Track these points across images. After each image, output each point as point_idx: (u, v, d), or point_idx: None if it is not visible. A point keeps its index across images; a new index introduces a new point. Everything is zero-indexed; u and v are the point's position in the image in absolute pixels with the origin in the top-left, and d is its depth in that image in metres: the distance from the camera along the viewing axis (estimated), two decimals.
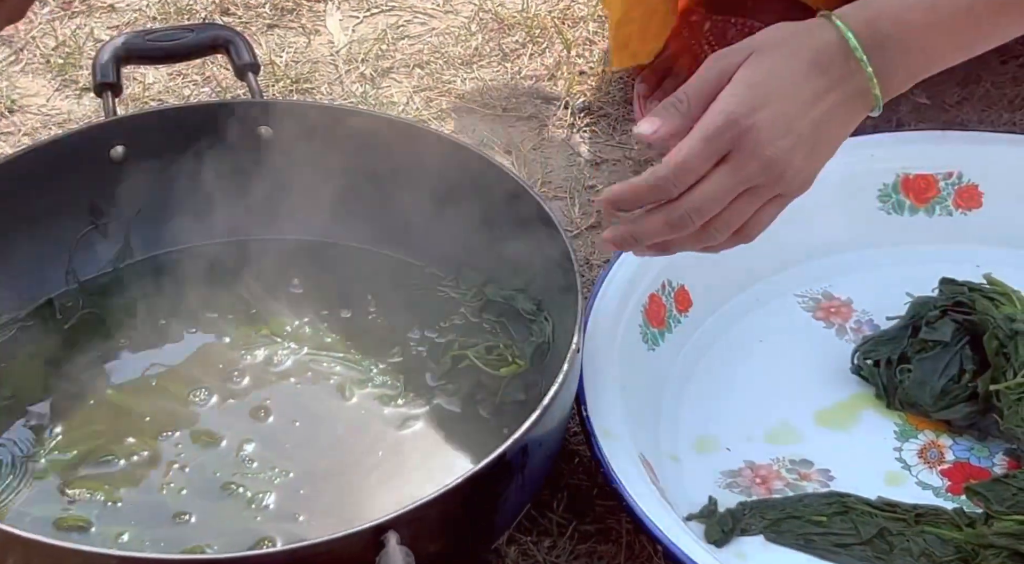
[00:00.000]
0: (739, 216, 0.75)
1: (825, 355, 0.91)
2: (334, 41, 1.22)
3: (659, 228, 0.75)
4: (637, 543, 0.82)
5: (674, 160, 0.73)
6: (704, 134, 0.73)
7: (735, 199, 0.74)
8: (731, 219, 0.75)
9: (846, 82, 0.74)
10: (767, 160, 0.73)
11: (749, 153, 0.72)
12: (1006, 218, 0.96)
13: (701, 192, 0.73)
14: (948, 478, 0.83)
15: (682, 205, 0.74)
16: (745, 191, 0.74)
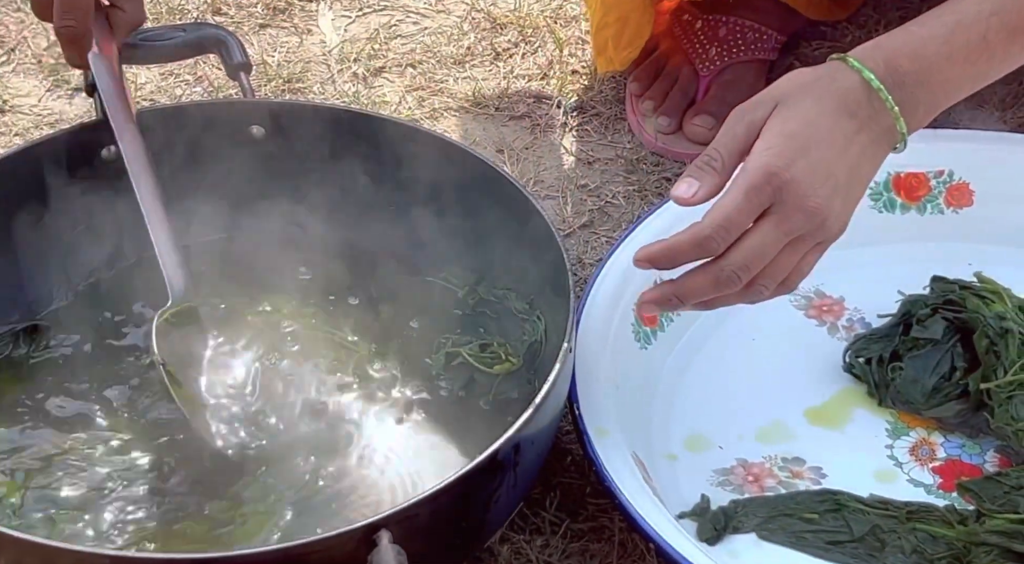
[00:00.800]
0: (784, 268, 0.75)
1: (817, 353, 0.91)
2: (326, 40, 1.22)
3: (705, 287, 0.74)
4: (630, 541, 0.82)
5: (716, 217, 0.72)
6: (745, 190, 0.72)
7: (779, 252, 0.74)
8: (776, 272, 0.74)
9: (873, 122, 0.75)
10: (810, 211, 0.73)
11: (792, 205, 0.72)
12: (997, 216, 0.97)
13: (747, 248, 0.73)
14: (940, 475, 0.83)
15: (728, 263, 0.73)
16: (793, 242, 0.74)
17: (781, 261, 0.74)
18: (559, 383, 0.77)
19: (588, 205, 1.07)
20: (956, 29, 0.75)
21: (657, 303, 0.76)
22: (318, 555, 0.66)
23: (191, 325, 0.82)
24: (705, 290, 0.74)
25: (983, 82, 0.79)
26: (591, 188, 1.09)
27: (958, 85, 0.77)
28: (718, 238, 0.73)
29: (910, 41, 0.76)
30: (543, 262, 0.85)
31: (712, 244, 0.73)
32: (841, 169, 0.74)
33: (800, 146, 0.73)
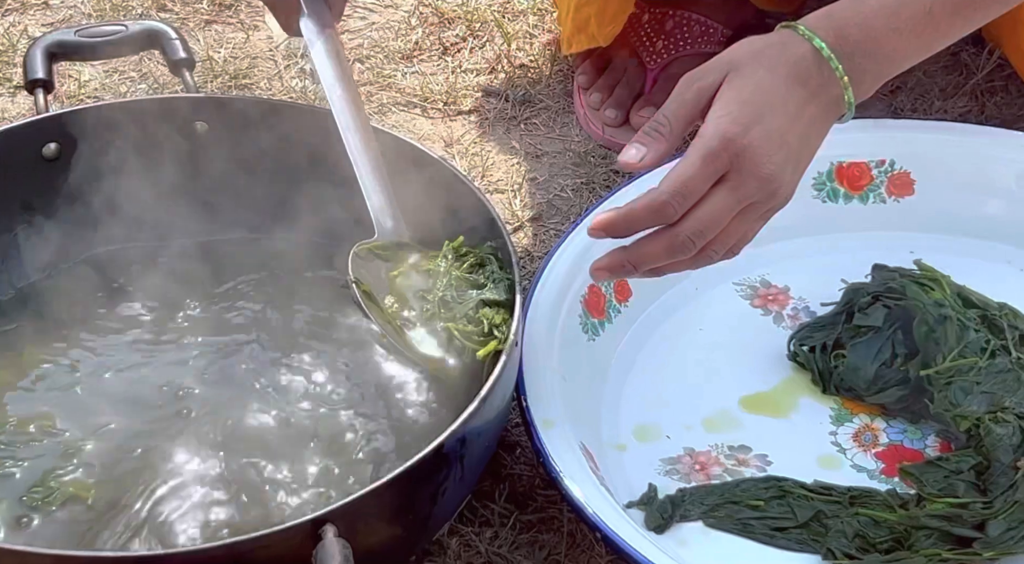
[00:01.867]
0: (734, 235, 0.75)
1: (763, 342, 0.92)
2: (273, 36, 1.22)
3: (660, 253, 0.74)
4: (579, 532, 0.83)
5: (673, 183, 0.73)
6: (702, 155, 0.73)
7: (734, 217, 0.74)
8: (728, 239, 0.75)
9: (823, 91, 0.76)
10: (765, 178, 0.73)
11: (748, 172, 0.73)
12: (937, 204, 0.98)
13: (702, 214, 0.73)
14: (882, 461, 0.85)
15: (683, 230, 0.73)
16: (744, 209, 0.74)
17: (732, 228, 0.74)
18: (505, 376, 0.77)
19: (537, 199, 1.08)
20: (904, 2, 0.77)
21: (610, 270, 0.76)
22: (263, 551, 0.66)
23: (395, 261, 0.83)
24: (659, 256, 0.74)
25: (925, 55, 0.80)
26: (540, 182, 1.09)
27: (904, 57, 0.78)
28: (675, 204, 0.73)
29: (860, 12, 0.76)
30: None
31: (669, 210, 0.73)
32: (793, 137, 0.74)
33: (755, 113, 0.73)
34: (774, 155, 0.73)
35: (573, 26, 1.10)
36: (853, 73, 0.76)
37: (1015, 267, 0.95)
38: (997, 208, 0.97)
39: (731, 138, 0.73)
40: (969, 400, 0.81)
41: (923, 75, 1.14)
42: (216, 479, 0.77)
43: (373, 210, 0.84)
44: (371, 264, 0.83)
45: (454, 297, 0.82)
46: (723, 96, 0.74)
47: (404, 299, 0.82)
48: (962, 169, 0.98)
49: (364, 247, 0.83)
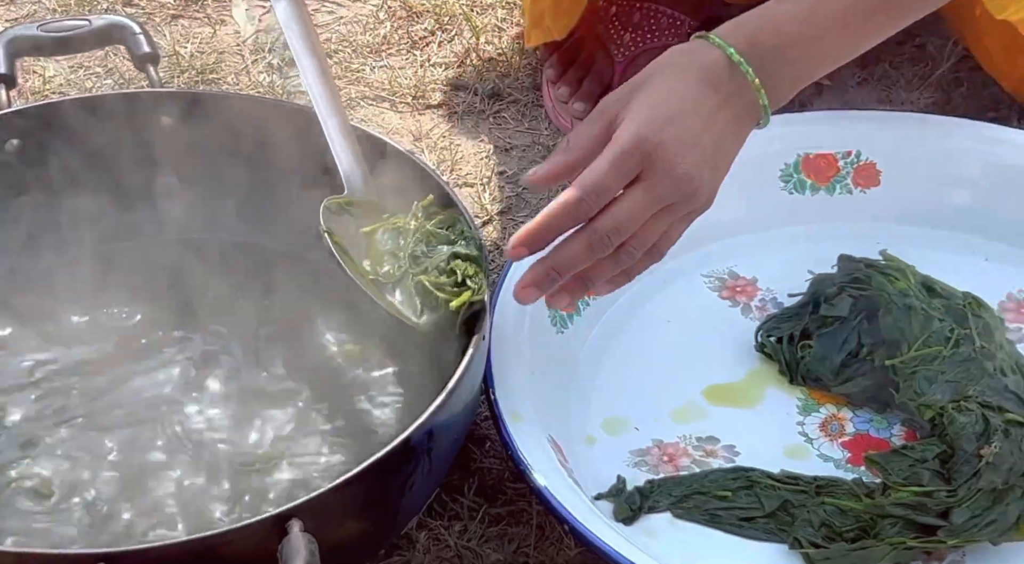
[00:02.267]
0: (653, 235, 0.76)
1: (730, 333, 0.93)
2: (240, 31, 1.21)
3: (579, 253, 0.75)
4: (548, 524, 0.83)
5: (585, 181, 0.74)
6: (614, 154, 0.74)
7: (651, 217, 0.75)
8: (646, 238, 0.76)
9: (737, 96, 0.77)
10: (679, 176, 0.74)
11: (661, 171, 0.74)
12: (903, 195, 0.99)
13: (617, 211, 0.74)
14: (848, 450, 0.85)
15: (600, 226, 0.74)
16: (660, 209, 0.75)
17: (651, 227, 0.75)
18: (472, 369, 0.77)
19: (506, 192, 1.08)
20: (816, 8, 0.78)
21: (536, 284, 0.76)
22: (228, 546, 0.66)
23: (365, 217, 0.83)
24: (579, 256, 0.75)
25: (844, 59, 0.81)
26: (509, 175, 1.09)
27: (819, 62, 0.79)
28: (588, 200, 0.73)
29: (772, 19, 0.78)
30: None
31: (583, 206, 0.74)
32: (707, 140, 0.75)
33: (667, 115, 0.74)
34: (688, 155, 0.74)
35: (530, 20, 1.10)
36: (767, 79, 0.77)
37: (979, 257, 0.96)
38: (962, 199, 0.98)
39: (644, 137, 0.74)
40: (933, 389, 0.82)
41: (889, 66, 1.15)
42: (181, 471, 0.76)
43: (342, 168, 0.84)
44: (342, 219, 0.82)
45: (424, 252, 0.81)
46: (634, 103, 0.75)
47: (377, 254, 0.82)
48: (928, 160, 0.98)
49: (335, 201, 0.83)
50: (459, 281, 0.80)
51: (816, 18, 0.77)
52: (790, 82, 0.78)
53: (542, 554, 0.82)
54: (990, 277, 0.94)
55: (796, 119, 1.01)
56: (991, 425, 0.79)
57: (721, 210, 0.97)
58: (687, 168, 0.74)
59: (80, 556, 0.66)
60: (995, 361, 0.83)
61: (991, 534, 0.76)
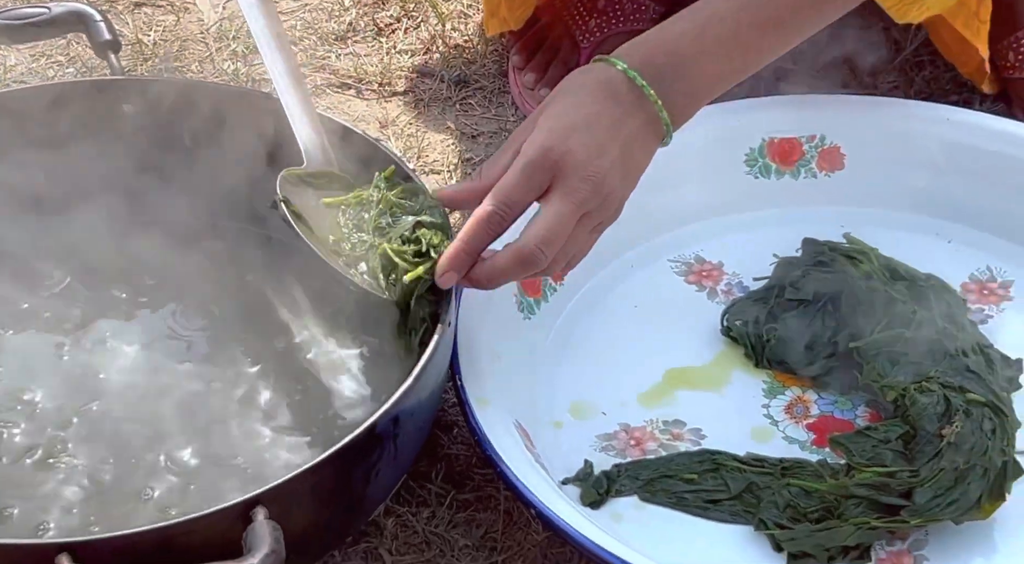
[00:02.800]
0: (578, 243, 0.77)
1: (697, 318, 0.93)
2: (204, 19, 1.20)
3: (512, 267, 0.76)
4: (515, 509, 0.83)
5: (496, 193, 0.76)
6: (523, 165, 0.76)
7: (575, 226, 0.76)
8: (568, 251, 0.77)
9: (638, 110, 0.78)
10: (593, 180, 0.75)
11: (574, 176, 0.75)
12: (867, 178, 0.99)
13: (544, 224, 0.75)
14: (813, 432, 0.86)
15: (529, 240, 0.75)
16: (582, 219, 0.76)
17: (576, 236, 0.76)
18: (438, 356, 0.77)
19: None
20: (707, 25, 0.80)
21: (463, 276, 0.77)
22: (193, 535, 0.66)
23: (326, 188, 0.82)
24: (512, 269, 0.76)
25: (746, 73, 0.83)
26: (476, 162, 1.09)
27: (717, 77, 0.81)
28: (500, 211, 0.75)
29: (664, 38, 0.80)
30: None
31: (495, 218, 0.75)
32: (614, 148, 0.77)
33: (572, 125, 0.76)
34: (595, 160, 0.76)
35: (487, 9, 1.10)
36: (665, 94, 0.79)
37: (942, 239, 0.97)
38: (924, 181, 0.98)
39: (550, 147, 0.76)
40: (896, 371, 0.83)
41: (853, 51, 1.15)
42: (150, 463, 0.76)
43: (301, 139, 0.84)
44: (300, 190, 0.82)
45: (389, 223, 0.81)
46: (539, 121, 0.77)
47: (338, 227, 0.81)
48: (891, 143, 0.99)
49: (293, 173, 0.83)
50: (423, 250, 0.79)
51: (706, 36, 0.79)
52: (689, 98, 0.80)
53: (510, 539, 0.82)
54: (953, 259, 0.95)
55: (761, 104, 1.01)
56: (952, 405, 0.79)
57: (687, 195, 0.99)
58: (599, 171, 0.76)
59: (42, 546, 0.65)
60: (957, 342, 0.83)
61: (953, 513, 0.77)
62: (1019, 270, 0.94)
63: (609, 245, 0.96)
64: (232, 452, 0.78)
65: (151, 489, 0.76)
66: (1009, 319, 0.92)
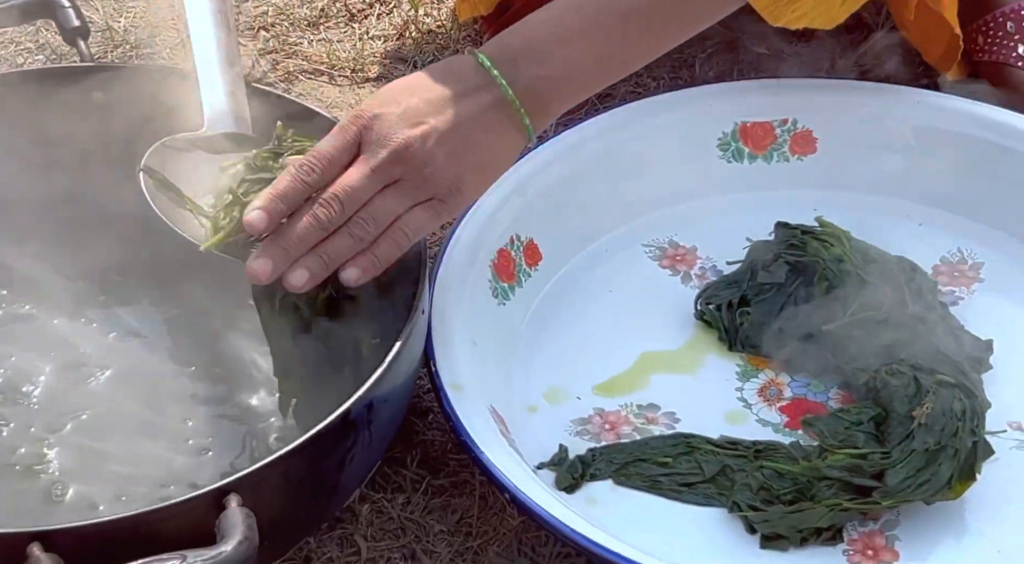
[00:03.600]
0: (385, 211, 0.76)
1: (671, 302, 0.93)
2: (174, 4, 1.19)
3: (308, 225, 0.74)
4: (490, 494, 0.83)
5: (312, 151, 0.76)
6: (336, 128, 0.76)
7: (381, 192, 0.76)
8: (376, 213, 0.76)
9: (484, 90, 0.78)
10: (394, 148, 0.75)
11: (376, 142, 0.75)
12: (839, 162, 1.00)
13: (341, 180, 0.75)
14: (786, 414, 0.86)
15: (324, 194, 0.75)
16: (392, 186, 0.76)
17: (380, 202, 0.76)
18: (412, 342, 0.77)
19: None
20: (566, 12, 0.80)
21: (272, 260, 0.75)
22: (166, 522, 0.66)
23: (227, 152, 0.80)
24: (308, 228, 0.74)
25: (621, 62, 0.82)
26: None
27: (581, 66, 0.80)
28: (310, 164, 0.75)
29: (523, 25, 0.80)
30: None
31: (305, 167, 0.75)
32: (440, 121, 0.76)
33: (391, 97, 0.77)
34: (406, 129, 0.75)
35: None
36: (516, 78, 0.78)
37: (913, 222, 0.97)
38: (896, 164, 0.99)
39: (360, 113, 0.77)
40: (867, 353, 0.83)
41: (826, 35, 1.15)
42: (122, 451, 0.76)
43: (208, 103, 0.82)
44: (190, 155, 0.79)
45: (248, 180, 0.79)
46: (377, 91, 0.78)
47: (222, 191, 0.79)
48: (862, 127, 0.99)
49: (185, 138, 0.80)
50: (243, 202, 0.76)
51: (565, 21, 0.79)
52: (545, 82, 0.78)
53: (485, 524, 0.82)
54: (924, 241, 0.95)
55: (733, 88, 1.01)
56: (923, 387, 0.80)
57: (660, 180, 0.99)
58: (403, 139, 0.75)
59: (13, 535, 0.65)
60: (927, 324, 0.84)
61: (924, 494, 0.78)
62: (989, 252, 0.95)
63: (584, 231, 0.97)
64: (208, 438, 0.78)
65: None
66: (979, 300, 0.92)
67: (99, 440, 0.79)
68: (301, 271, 0.75)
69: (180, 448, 0.79)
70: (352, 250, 0.76)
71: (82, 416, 0.81)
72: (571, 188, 0.95)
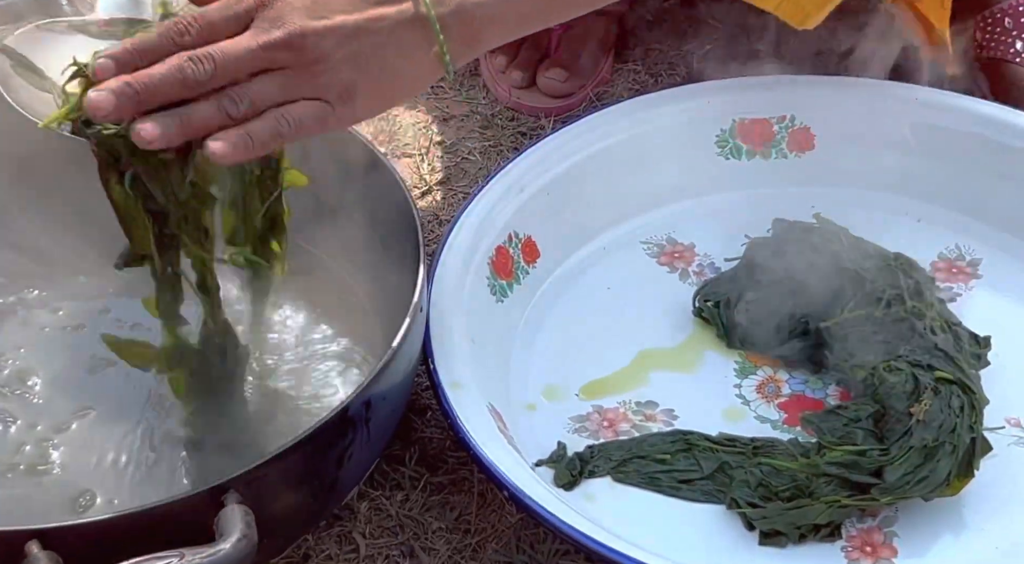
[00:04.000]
0: (262, 94, 0.68)
1: (669, 299, 0.93)
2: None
3: (165, 71, 0.66)
4: (489, 492, 0.83)
5: (195, 9, 0.69)
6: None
7: (262, 75, 0.68)
8: (252, 92, 0.68)
9: (406, 4, 0.71)
10: (290, 31, 0.68)
11: (272, 19, 0.68)
12: (837, 158, 1.00)
13: (218, 42, 0.68)
14: (785, 411, 0.86)
15: (193, 49, 0.67)
16: (277, 71, 0.69)
17: (258, 84, 0.68)
18: (410, 340, 0.77)
19: (445, 162, 1.07)
20: None
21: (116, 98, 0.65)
22: (163, 520, 0.66)
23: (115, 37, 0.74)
24: (167, 75, 0.66)
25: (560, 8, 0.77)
26: (447, 145, 1.09)
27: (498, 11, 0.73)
28: (186, 22, 0.68)
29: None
30: (395, 221, 0.85)
31: (180, 27, 0.68)
32: (348, 21, 0.69)
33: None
34: (307, 18, 0.68)
35: None
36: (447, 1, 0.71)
37: (911, 218, 0.98)
38: (893, 161, 0.99)
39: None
40: (865, 350, 0.83)
41: (824, 32, 1.15)
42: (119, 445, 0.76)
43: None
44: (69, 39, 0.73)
45: None
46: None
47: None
48: (860, 123, 0.99)
49: (68, 23, 0.74)
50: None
51: None
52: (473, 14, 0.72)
53: (483, 521, 0.82)
54: (922, 237, 0.95)
55: (731, 85, 1.01)
56: (921, 384, 0.80)
57: (658, 177, 0.99)
58: (302, 27, 0.68)
59: (10, 533, 0.65)
60: (925, 320, 0.84)
61: (922, 490, 0.78)
62: (987, 248, 0.95)
63: (582, 228, 0.97)
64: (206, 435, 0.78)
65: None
66: (977, 297, 0.92)
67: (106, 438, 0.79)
68: (152, 124, 0.66)
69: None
70: (217, 121, 0.68)
71: (89, 414, 0.81)
72: (569, 185, 0.95)
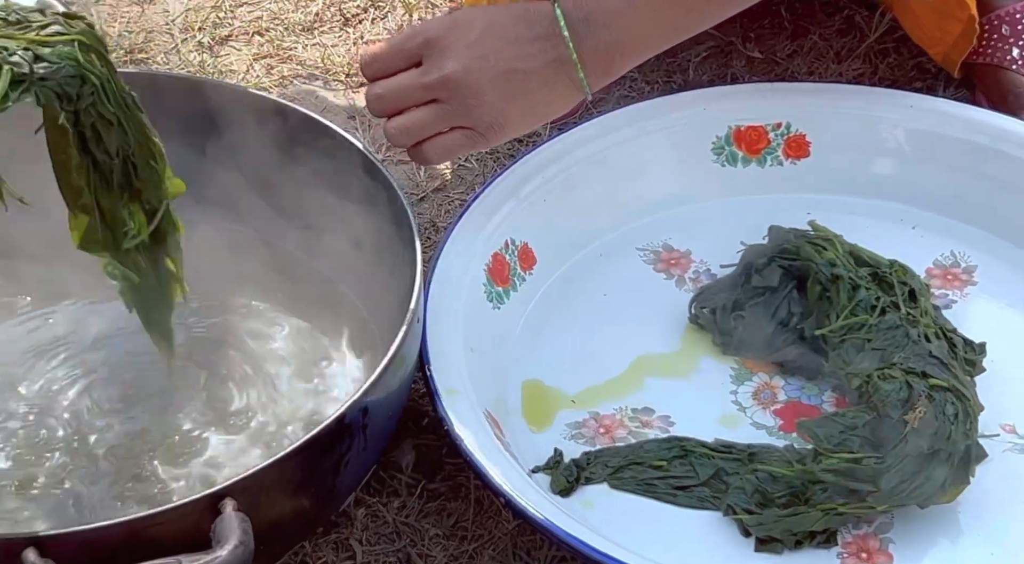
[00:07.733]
0: (419, 124, 0.82)
1: (665, 305, 0.93)
2: (169, 9, 1.20)
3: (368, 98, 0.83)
4: (485, 498, 0.83)
5: (370, 48, 0.83)
6: (400, 36, 0.83)
7: (421, 106, 0.82)
8: (412, 123, 0.82)
9: (549, 42, 0.81)
10: (450, 72, 0.80)
11: (434, 61, 0.81)
12: (832, 165, 1.00)
13: (387, 80, 0.83)
14: (780, 417, 0.86)
15: (371, 86, 0.83)
16: (432, 103, 0.81)
17: (419, 115, 0.82)
18: (406, 347, 0.77)
19: (441, 169, 1.07)
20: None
21: None
22: (161, 527, 0.66)
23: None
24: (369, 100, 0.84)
25: (681, 32, 0.85)
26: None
27: (647, 31, 0.83)
28: (365, 60, 0.84)
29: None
30: (391, 228, 0.85)
31: (360, 63, 0.84)
32: (501, 59, 0.80)
33: (463, 24, 0.81)
34: (465, 59, 0.80)
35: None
36: (586, 39, 0.81)
37: (906, 225, 0.98)
38: (888, 167, 0.99)
39: (427, 28, 0.82)
40: (860, 357, 0.83)
41: (818, 39, 1.16)
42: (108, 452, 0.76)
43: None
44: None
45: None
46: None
47: None
48: (856, 130, 1.00)
49: None
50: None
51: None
52: (610, 46, 0.82)
53: (480, 528, 0.82)
54: (917, 244, 0.96)
55: (727, 92, 1.02)
56: (915, 391, 0.80)
57: (654, 183, 0.99)
58: (458, 68, 0.80)
59: (8, 541, 0.65)
60: (920, 328, 0.84)
61: (918, 498, 0.78)
62: (982, 255, 0.96)
63: (579, 235, 0.97)
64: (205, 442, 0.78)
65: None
66: (972, 303, 0.93)
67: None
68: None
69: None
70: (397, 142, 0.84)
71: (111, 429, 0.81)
72: (566, 192, 0.96)
